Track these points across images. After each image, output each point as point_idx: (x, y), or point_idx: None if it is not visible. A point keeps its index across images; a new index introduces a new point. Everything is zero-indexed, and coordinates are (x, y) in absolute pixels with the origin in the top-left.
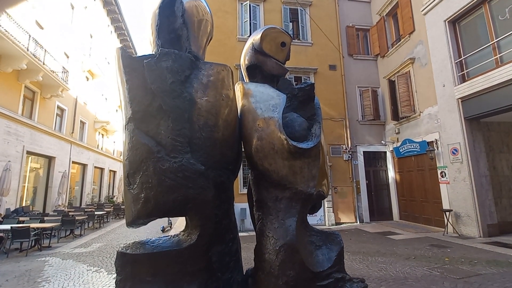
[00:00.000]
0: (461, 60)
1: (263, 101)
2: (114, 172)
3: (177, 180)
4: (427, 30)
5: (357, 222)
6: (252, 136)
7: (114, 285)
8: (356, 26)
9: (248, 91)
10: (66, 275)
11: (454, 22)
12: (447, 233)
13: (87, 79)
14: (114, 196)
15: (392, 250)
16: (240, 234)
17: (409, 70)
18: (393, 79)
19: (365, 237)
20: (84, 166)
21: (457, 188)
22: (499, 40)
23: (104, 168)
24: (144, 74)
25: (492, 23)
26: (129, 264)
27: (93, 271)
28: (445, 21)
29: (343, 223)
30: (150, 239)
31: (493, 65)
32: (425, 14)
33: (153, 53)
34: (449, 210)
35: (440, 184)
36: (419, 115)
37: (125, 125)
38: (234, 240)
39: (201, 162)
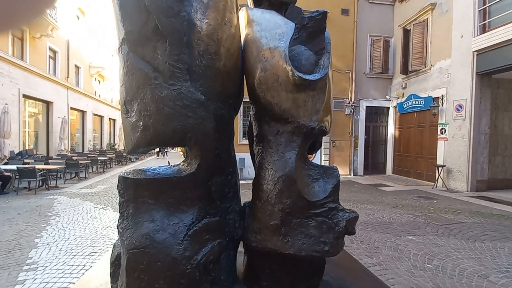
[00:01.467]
0: (485, 7)
1: (269, 30)
2: (114, 120)
3: (176, 109)
4: None
5: (351, 175)
6: (256, 67)
7: (118, 205)
8: None
9: (253, 19)
10: (74, 211)
11: None
12: (436, 187)
13: (78, 18)
14: (115, 144)
15: (381, 200)
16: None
17: (427, 18)
18: (409, 28)
19: (357, 187)
20: (83, 113)
21: (454, 145)
22: None
23: (103, 116)
24: None
25: None
26: (131, 188)
27: (99, 208)
28: None
29: None
30: (150, 167)
31: None
32: None
33: None
34: (442, 166)
35: (438, 141)
36: (430, 69)
37: (119, 48)
38: (233, 174)
39: (201, 92)
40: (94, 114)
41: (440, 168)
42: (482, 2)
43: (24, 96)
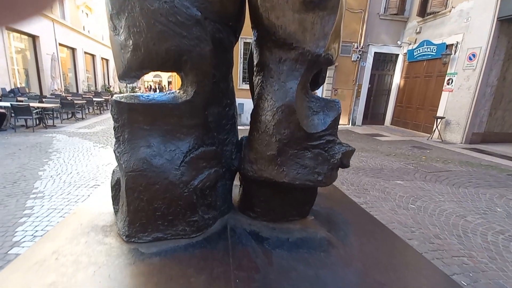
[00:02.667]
0: None
1: None
2: (107, 60)
3: (169, 26)
4: None
5: (349, 125)
6: None
7: (113, 130)
8: None
9: None
10: (74, 148)
11: None
12: (431, 139)
13: None
14: (110, 86)
15: (376, 148)
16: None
17: None
18: None
19: (353, 136)
20: (73, 50)
21: (457, 97)
22: None
23: (95, 55)
24: None
25: None
26: (125, 112)
27: (99, 147)
28: None
29: None
30: (144, 93)
31: None
32: None
33: None
34: (442, 118)
35: (443, 92)
36: (450, 11)
37: None
38: (231, 106)
39: (196, 8)
40: (85, 53)
41: (439, 120)
42: None
43: (7, 28)
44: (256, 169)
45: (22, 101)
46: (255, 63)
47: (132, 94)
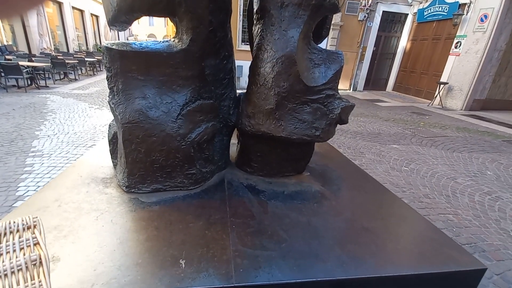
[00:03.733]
0: None
1: None
2: (97, 17)
3: None
4: None
5: (350, 90)
6: None
7: (106, 79)
8: None
9: None
10: (70, 109)
11: None
12: (432, 105)
13: None
14: (102, 46)
15: (375, 114)
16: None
17: None
18: None
19: (353, 102)
20: (59, 4)
21: (464, 61)
22: None
23: (84, 10)
24: None
25: None
26: (117, 60)
27: (95, 108)
28: None
29: None
30: (137, 41)
31: None
32: None
33: None
34: (445, 83)
35: (449, 56)
36: None
37: None
38: (229, 59)
39: None
40: (73, 8)
41: (441, 86)
42: None
43: None
44: (254, 123)
45: (10, 60)
46: (255, 10)
47: (124, 41)
